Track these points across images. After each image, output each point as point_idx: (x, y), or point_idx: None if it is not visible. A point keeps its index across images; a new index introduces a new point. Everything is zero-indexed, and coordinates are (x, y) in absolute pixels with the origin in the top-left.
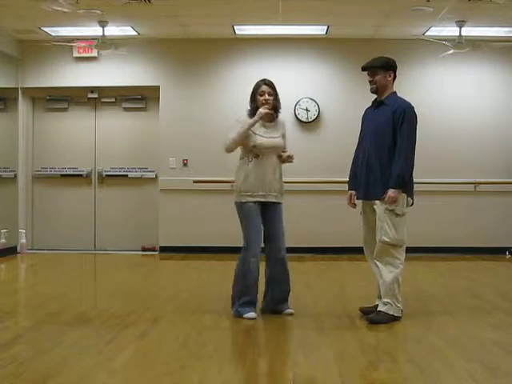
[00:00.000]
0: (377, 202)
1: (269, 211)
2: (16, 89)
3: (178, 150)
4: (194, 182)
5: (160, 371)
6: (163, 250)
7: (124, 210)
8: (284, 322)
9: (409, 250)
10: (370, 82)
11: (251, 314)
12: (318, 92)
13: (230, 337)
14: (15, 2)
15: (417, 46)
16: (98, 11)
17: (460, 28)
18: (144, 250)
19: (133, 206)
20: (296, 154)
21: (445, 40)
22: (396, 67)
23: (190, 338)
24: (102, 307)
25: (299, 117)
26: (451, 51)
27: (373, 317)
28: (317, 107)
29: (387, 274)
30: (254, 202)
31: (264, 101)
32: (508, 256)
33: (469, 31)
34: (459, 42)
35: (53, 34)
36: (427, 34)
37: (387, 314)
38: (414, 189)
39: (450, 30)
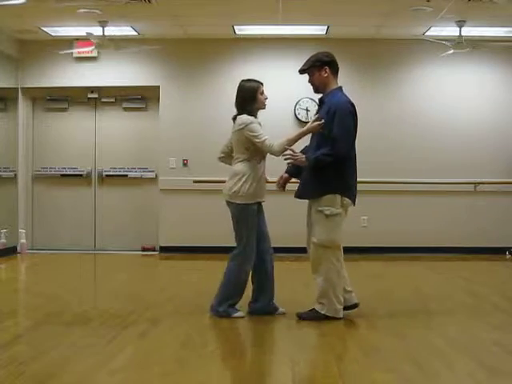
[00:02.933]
0: (309, 202)
1: (260, 211)
2: (16, 89)
3: (178, 150)
4: (194, 181)
5: (160, 371)
6: (163, 250)
7: (124, 209)
8: (284, 322)
9: (409, 250)
10: (310, 83)
11: (240, 314)
12: None
13: (230, 337)
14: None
15: (417, 46)
16: (97, 11)
17: (460, 28)
18: (144, 249)
19: (133, 205)
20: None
21: (445, 40)
22: (331, 61)
23: (190, 338)
24: (101, 307)
25: (299, 117)
26: (451, 51)
27: (303, 313)
28: (317, 107)
29: (319, 276)
30: (257, 204)
31: (265, 99)
32: (508, 256)
33: (469, 31)
34: (459, 42)
35: (53, 34)
36: (427, 34)
37: (318, 312)
38: (415, 189)
39: (450, 30)
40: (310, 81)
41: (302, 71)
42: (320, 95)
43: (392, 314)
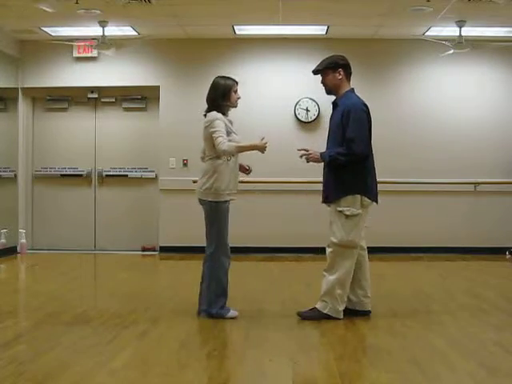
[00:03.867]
0: (331, 205)
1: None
2: (16, 89)
3: (177, 150)
4: (194, 182)
5: (160, 371)
6: (163, 250)
7: (124, 209)
8: (284, 322)
9: (409, 249)
10: (323, 83)
11: (233, 313)
12: (318, 92)
13: (230, 337)
14: (15, 2)
15: (417, 45)
16: (98, 11)
17: (460, 28)
18: (144, 249)
19: (133, 206)
20: (296, 153)
21: (445, 40)
22: (346, 64)
23: (189, 338)
24: (101, 307)
25: (299, 117)
26: (451, 51)
27: (305, 312)
28: (317, 107)
29: (332, 274)
30: (228, 201)
31: (237, 98)
32: (508, 256)
33: (469, 31)
34: (459, 42)
35: (53, 34)
36: (427, 34)
37: (320, 311)
38: (415, 189)
39: (450, 30)
40: (322, 82)
41: (315, 72)
42: (332, 97)
43: (392, 314)
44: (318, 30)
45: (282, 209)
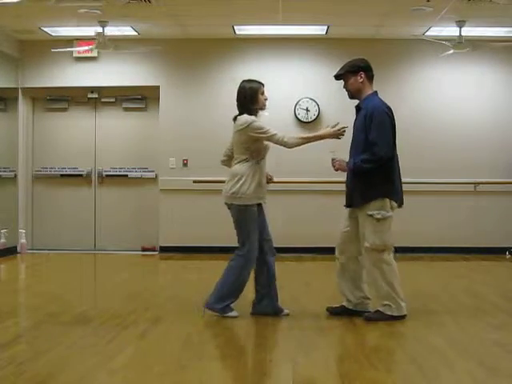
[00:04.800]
0: (359, 210)
1: (261, 213)
2: (16, 89)
3: (177, 149)
4: (194, 181)
5: (160, 371)
6: (163, 250)
7: (124, 209)
8: (284, 322)
9: (409, 249)
10: (345, 88)
11: (234, 313)
12: (318, 92)
13: (230, 337)
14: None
15: (417, 45)
16: (98, 11)
17: (460, 28)
18: (144, 250)
19: (133, 205)
20: (296, 154)
21: (445, 40)
22: (367, 66)
23: (190, 338)
24: (101, 307)
25: (299, 117)
26: (451, 51)
27: (369, 315)
28: (317, 107)
29: (377, 278)
30: (257, 205)
31: (265, 100)
32: (508, 256)
33: (469, 31)
34: (459, 42)
35: (53, 34)
36: (427, 34)
37: (384, 313)
38: (415, 189)
39: (450, 30)
40: (344, 87)
41: (337, 76)
42: (355, 101)
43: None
44: (318, 30)
45: (282, 209)
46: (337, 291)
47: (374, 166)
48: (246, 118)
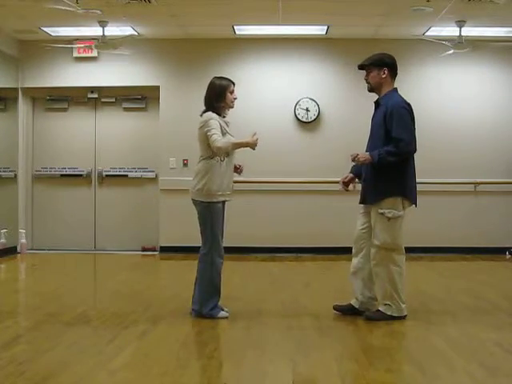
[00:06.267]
0: (372, 207)
1: (223, 210)
2: (16, 89)
3: (178, 150)
4: None
5: (160, 371)
6: (163, 250)
7: (124, 210)
8: (284, 322)
9: (409, 249)
10: (366, 80)
11: (224, 313)
12: (318, 92)
13: (230, 337)
14: (15, 2)
15: (417, 45)
16: (98, 11)
17: (460, 28)
18: (144, 250)
19: (133, 205)
20: (296, 154)
21: (445, 40)
22: (392, 63)
23: (189, 338)
24: (101, 307)
25: (299, 117)
26: (451, 51)
27: (370, 314)
28: (317, 107)
29: (382, 277)
30: (221, 202)
31: (234, 99)
32: (508, 256)
33: (469, 31)
34: (459, 42)
35: (53, 34)
36: (427, 34)
37: (385, 313)
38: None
39: (450, 30)
40: (366, 78)
41: (361, 66)
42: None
43: None
44: (318, 30)
45: (282, 209)
46: (337, 291)
47: (398, 159)
48: (207, 115)
